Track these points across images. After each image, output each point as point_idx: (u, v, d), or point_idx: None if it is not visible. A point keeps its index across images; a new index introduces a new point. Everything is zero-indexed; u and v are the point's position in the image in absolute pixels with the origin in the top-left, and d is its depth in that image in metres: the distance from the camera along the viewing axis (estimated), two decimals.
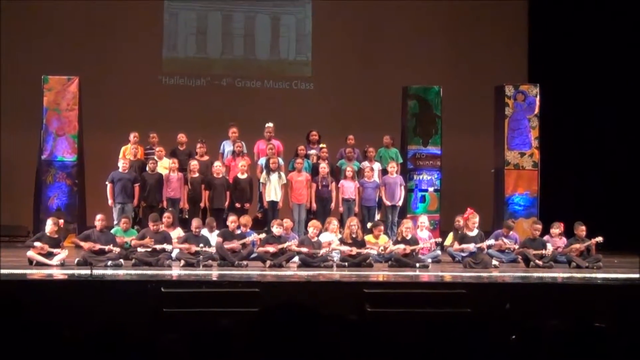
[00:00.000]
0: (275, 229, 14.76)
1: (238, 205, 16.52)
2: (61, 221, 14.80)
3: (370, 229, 15.84)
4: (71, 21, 19.83)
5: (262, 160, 17.28)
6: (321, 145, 17.68)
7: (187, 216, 16.39)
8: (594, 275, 13.96)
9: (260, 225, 16.78)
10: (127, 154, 17.26)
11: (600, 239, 15.08)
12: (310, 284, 12.52)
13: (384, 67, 20.68)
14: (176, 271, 13.70)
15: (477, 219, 15.34)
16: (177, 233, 15.19)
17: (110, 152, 17.64)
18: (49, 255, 13.82)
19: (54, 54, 19.32)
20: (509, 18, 21.10)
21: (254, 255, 14.70)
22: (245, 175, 16.86)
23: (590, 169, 19.72)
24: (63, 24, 19.81)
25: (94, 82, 18.55)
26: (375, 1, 20.73)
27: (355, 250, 14.74)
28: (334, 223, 15.56)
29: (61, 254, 13.92)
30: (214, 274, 13.55)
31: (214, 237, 14.86)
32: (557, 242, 15.65)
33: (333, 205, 16.99)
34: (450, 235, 16.44)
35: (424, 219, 16.44)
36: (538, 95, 18.16)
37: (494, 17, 21.01)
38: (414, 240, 15.09)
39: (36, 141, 17.53)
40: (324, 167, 16.98)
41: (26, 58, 19.08)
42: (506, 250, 15.69)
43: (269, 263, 14.23)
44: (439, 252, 16.01)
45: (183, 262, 14.13)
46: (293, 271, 13.98)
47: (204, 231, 14.98)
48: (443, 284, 13.54)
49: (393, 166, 17.28)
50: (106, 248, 13.98)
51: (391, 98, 19.00)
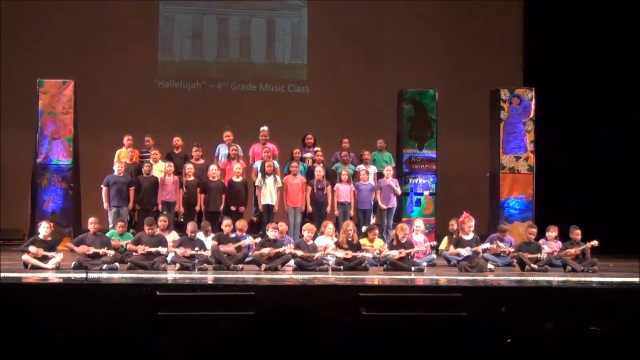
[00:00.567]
0: (271, 233, 14.74)
1: (233, 208, 16.52)
2: (51, 223, 14.74)
3: (366, 233, 15.84)
4: (67, 24, 19.82)
5: (258, 163, 17.28)
6: (316, 149, 17.69)
7: (183, 219, 16.40)
8: (589, 278, 13.95)
9: (255, 228, 16.77)
10: (122, 157, 17.25)
11: (595, 242, 15.08)
12: (305, 288, 12.51)
13: (380, 71, 20.70)
14: (171, 274, 13.67)
15: (473, 223, 15.34)
16: (173, 236, 15.17)
17: (106, 156, 17.62)
18: (44, 258, 13.79)
19: (49, 57, 19.31)
20: (505, 22, 21.15)
21: (249, 258, 14.68)
22: (240, 179, 16.86)
23: (586, 172, 19.74)
24: (58, 28, 19.81)
25: (89, 86, 18.54)
26: (370, 5, 20.76)
27: (350, 254, 14.74)
28: (330, 226, 15.55)
29: (56, 257, 13.88)
30: (210, 277, 13.52)
31: (210, 241, 14.84)
32: (553, 246, 15.65)
33: (328, 208, 16.99)
34: (445, 239, 16.45)
35: (419, 223, 16.44)
36: (533, 99, 18.18)
37: (489, 21, 21.04)
38: (410, 244, 15.09)
39: (31, 144, 17.51)
40: (319, 171, 16.99)
41: (21, 61, 19.07)
42: (501, 254, 15.70)
43: (264, 266, 14.22)
44: (434, 256, 16.00)
45: (178, 266, 14.10)
46: (288, 275, 13.96)
47: (200, 235, 14.97)
48: (438, 287, 13.52)
49: (389, 169, 17.28)
50: (101, 251, 13.95)
51: (387, 101, 19.02)
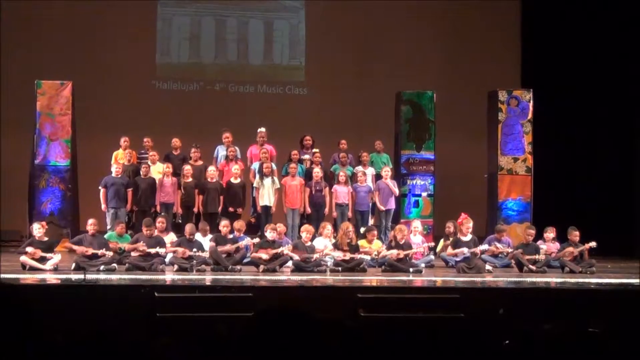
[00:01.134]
0: (269, 234, 14.75)
1: (231, 209, 16.52)
2: (43, 223, 14.72)
3: (364, 234, 15.84)
4: (64, 26, 19.82)
5: (255, 165, 17.29)
6: (314, 150, 17.70)
7: (181, 221, 16.40)
8: (587, 280, 13.96)
9: (253, 230, 16.78)
10: (120, 159, 17.27)
11: (593, 244, 15.09)
12: (303, 289, 12.50)
13: (378, 73, 20.71)
14: (169, 276, 13.67)
15: (471, 224, 15.35)
16: (171, 238, 15.17)
17: (104, 157, 17.63)
18: (42, 260, 13.79)
19: (47, 58, 19.31)
20: (502, 23, 21.16)
21: (247, 260, 14.68)
22: (238, 180, 16.86)
23: (584, 174, 19.76)
24: (56, 29, 19.80)
25: (87, 87, 18.53)
26: (368, 7, 20.77)
27: (348, 255, 14.74)
28: (328, 228, 15.57)
29: (54, 258, 13.88)
30: (208, 278, 13.51)
31: (208, 242, 14.84)
32: (551, 247, 15.66)
33: (327, 210, 17.00)
34: (441, 241, 16.45)
35: (417, 224, 16.44)
36: (531, 101, 18.18)
37: (487, 23, 21.05)
38: (408, 245, 15.09)
39: (29, 146, 17.50)
40: (317, 172, 16.99)
41: (19, 63, 19.05)
42: (499, 255, 15.71)
43: (262, 268, 14.22)
44: (432, 257, 16.01)
45: (176, 267, 14.11)
46: (287, 276, 13.96)
47: (198, 236, 14.97)
48: (436, 288, 13.51)
49: (387, 171, 17.28)
50: (99, 252, 13.95)
51: (385, 103, 19.02)
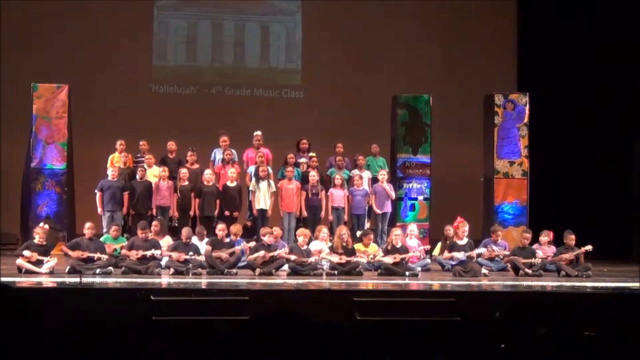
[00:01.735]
0: (266, 238, 14.75)
1: (227, 213, 16.51)
2: (46, 226, 14.73)
3: (360, 238, 15.84)
4: (61, 29, 19.80)
5: (252, 168, 17.29)
6: (311, 154, 17.70)
7: (177, 224, 16.39)
8: (583, 283, 13.97)
9: (249, 233, 16.77)
10: (116, 162, 17.25)
11: (589, 247, 15.09)
12: (299, 292, 12.51)
13: (374, 76, 20.71)
14: (165, 279, 13.67)
15: (467, 228, 15.35)
16: (167, 241, 15.16)
17: (100, 160, 17.61)
18: (38, 263, 13.78)
19: (43, 61, 19.29)
20: (498, 27, 21.17)
21: (243, 263, 14.68)
22: (234, 184, 16.86)
23: (580, 177, 19.76)
24: (53, 32, 19.78)
25: (83, 90, 18.53)
26: (364, 10, 20.78)
27: (344, 259, 14.74)
28: (324, 231, 15.57)
29: (50, 261, 13.87)
30: (204, 282, 13.52)
31: (204, 246, 14.84)
32: (547, 251, 15.66)
33: (323, 213, 17.00)
34: (439, 244, 16.45)
35: (413, 228, 16.45)
36: (527, 104, 18.19)
37: (483, 27, 21.07)
38: (404, 249, 15.09)
39: (25, 149, 17.48)
40: (313, 176, 16.99)
41: (16, 66, 19.02)
42: (495, 259, 15.72)
43: (258, 271, 14.22)
44: (428, 261, 16.03)
45: (172, 270, 14.10)
46: (283, 279, 13.95)
47: (194, 239, 14.96)
48: (433, 292, 13.54)
49: (383, 174, 17.29)
50: (95, 256, 13.95)
51: (381, 106, 19.01)
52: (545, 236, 15.95)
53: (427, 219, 17.88)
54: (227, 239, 14.81)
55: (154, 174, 16.98)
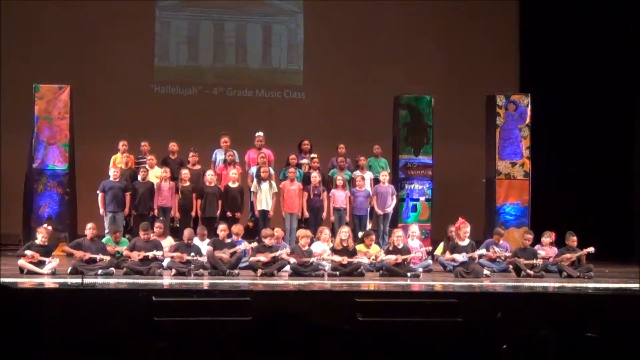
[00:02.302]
0: (267, 240, 14.74)
1: (229, 214, 16.52)
2: (49, 227, 14.74)
3: (362, 239, 15.84)
4: (63, 30, 19.81)
5: (253, 169, 17.29)
6: (313, 155, 17.70)
7: (179, 225, 16.39)
8: (585, 285, 13.97)
9: (251, 234, 16.77)
10: (118, 163, 17.25)
11: (591, 249, 15.08)
12: (301, 293, 12.50)
13: (376, 77, 20.71)
14: (167, 280, 13.67)
15: (469, 229, 15.33)
16: (169, 242, 15.16)
17: (102, 161, 17.61)
18: (40, 263, 13.78)
19: (45, 62, 19.30)
20: (500, 28, 21.17)
21: (245, 264, 14.68)
22: (236, 184, 16.86)
23: (582, 178, 19.75)
24: (55, 33, 19.79)
25: (85, 91, 18.53)
26: (366, 11, 20.77)
27: (346, 260, 14.73)
28: (326, 232, 15.58)
29: (52, 262, 13.87)
30: (205, 283, 13.52)
31: (206, 246, 14.84)
32: (548, 252, 15.66)
33: (324, 214, 17.00)
34: (441, 245, 16.45)
35: (415, 229, 16.44)
36: (529, 105, 18.19)
37: (485, 27, 21.06)
38: (406, 250, 15.09)
39: (27, 150, 17.49)
40: (315, 177, 16.99)
41: (17, 66, 19.03)
42: (497, 259, 15.71)
43: (260, 272, 14.22)
44: (430, 262, 16.02)
45: (174, 271, 14.11)
46: (284, 280, 13.96)
47: (196, 240, 14.96)
48: (434, 293, 13.54)
49: (385, 175, 17.29)
50: (97, 257, 13.95)
51: (383, 107, 19.02)
52: (548, 237, 15.95)
53: (429, 220, 17.87)
54: (229, 239, 14.82)
55: (155, 174, 16.99)
